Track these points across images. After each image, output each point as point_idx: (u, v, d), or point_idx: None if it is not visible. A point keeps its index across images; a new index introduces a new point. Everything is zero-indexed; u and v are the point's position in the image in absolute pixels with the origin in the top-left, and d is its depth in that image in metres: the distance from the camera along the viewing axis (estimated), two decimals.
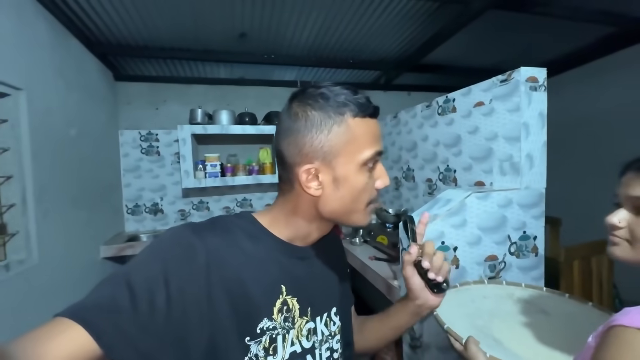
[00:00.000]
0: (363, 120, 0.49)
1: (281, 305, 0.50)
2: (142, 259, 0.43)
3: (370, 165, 0.50)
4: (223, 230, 0.49)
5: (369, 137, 0.49)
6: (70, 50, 1.96)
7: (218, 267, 0.45)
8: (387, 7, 2.07)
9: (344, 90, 0.48)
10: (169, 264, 0.42)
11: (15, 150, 1.41)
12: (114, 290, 0.39)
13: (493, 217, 1.19)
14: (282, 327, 0.49)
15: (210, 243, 0.46)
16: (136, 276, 0.40)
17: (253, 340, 0.46)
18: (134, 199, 2.76)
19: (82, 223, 1.96)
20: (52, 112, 1.68)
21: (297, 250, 0.55)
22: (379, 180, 0.52)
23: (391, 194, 2.28)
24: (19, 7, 1.46)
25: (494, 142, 1.34)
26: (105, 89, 2.56)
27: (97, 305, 0.37)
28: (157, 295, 0.39)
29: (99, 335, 0.35)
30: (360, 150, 0.48)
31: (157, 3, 1.87)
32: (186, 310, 0.41)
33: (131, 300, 0.38)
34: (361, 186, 0.49)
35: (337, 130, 0.47)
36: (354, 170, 0.48)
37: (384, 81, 3.39)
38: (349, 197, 0.49)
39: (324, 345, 0.55)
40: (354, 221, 0.52)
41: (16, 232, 1.41)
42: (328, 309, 0.58)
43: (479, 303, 0.70)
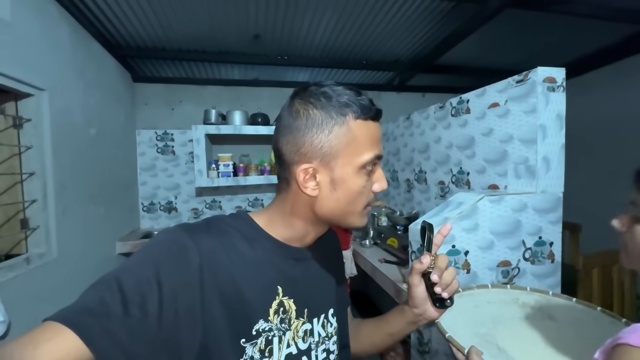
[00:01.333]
0: (365, 122, 0.47)
1: (277, 306, 0.49)
2: (134, 261, 0.42)
3: (369, 168, 0.49)
4: (218, 231, 0.48)
5: (369, 140, 0.48)
6: (91, 52, 2.03)
7: (212, 269, 0.44)
8: (400, 8, 2.05)
9: (347, 90, 0.47)
10: (161, 266, 0.41)
11: (37, 148, 1.47)
12: (105, 294, 0.38)
13: (507, 222, 1.15)
14: (278, 329, 0.49)
15: (204, 244, 0.45)
16: (127, 279, 0.39)
17: (248, 342, 0.46)
18: (150, 197, 2.83)
19: (99, 219, 2.03)
20: (73, 112, 1.74)
21: (294, 251, 0.54)
22: (376, 184, 0.51)
23: (403, 196, 2.25)
24: (44, 11, 1.53)
25: (509, 144, 1.30)
26: (124, 89, 2.64)
27: (87, 309, 0.37)
28: (148, 298, 0.39)
29: (89, 339, 0.35)
30: (360, 153, 0.47)
31: (175, 7, 1.92)
32: (179, 314, 0.40)
33: (122, 303, 0.37)
34: (358, 189, 0.48)
35: (338, 131, 0.46)
36: (352, 173, 0.47)
37: (397, 82, 3.36)
38: (345, 199, 0.48)
39: (320, 347, 0.55)
40: (351, 223, 0.51)
41: (37, 227, 1.47)
42: (325, 311, 0.58)
43: (482, 309, 0.67)
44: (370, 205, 0.52)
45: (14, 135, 1.42)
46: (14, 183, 1.42)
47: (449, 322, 0.59)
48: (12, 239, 1.43)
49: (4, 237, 1.40)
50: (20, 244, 1.44)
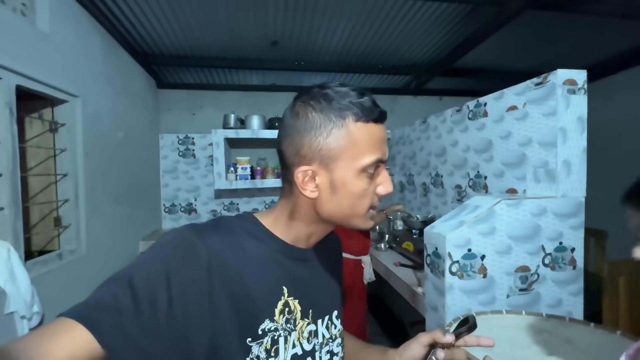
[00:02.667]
0: (366, 125, 0.46)
1: (283, 306, 0.49)
2: (144, 259, 0.43)
3: (371, 171, 0.48)
4: (225, 231, 0.48)
5: (370, 143, 0.47)
6: (119, 60, 2.14)
7: (220, 267, 0.45)
8: (417, 12, 2.05)
9: (351, 92, 0.46)
10: (171, 264, 0.41)
11: (70, 151, 1.57)
12: (116, 291, 0.39)
13: (525, 226, 1.13)
14: (284, 329, 0.49)
15: (212, 243, 0.45)
16: (138, 276, 0.40)
17: (255, 341, 0.46)
18: (171, 198, 2.93)
19: (124, 219, 2.13)
20: (103, 117, 1.85)
21: (299, 252, 0.54)
22: (380, 187, 0.50)
23: (419, 200, 2.23)
24: (78, 23, 1.64)
25: (528, 147, 1.28)
26: (149, 95, 2.77)
27: (99, 306, 0.37)
28: (159, 295, 0.39)
29: (101, 335, 0.35)
30: (360, 156, 0.46)
31: (197, 16, 2.01)
32: (188, 311, 0.41)
33: (133, 300, 0.38)
34: (359, 192, 0.47)
35: (336, 133, 0.45)
36: (352, 176, 0.47)
37: (414, 86, 3.35)
38: (346, 202, 0.48)
39: (324, 348, 0.54)
40: (355, 225, 0.51)
41: (69, 225, 1.56)
42: (330, 312, 0.57)
43: (497, 332, 0.66)
44: (374, 208, 0.51)
45: (50, 138, 1.52)
46: (49, 183, 1.52)
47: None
48: (46, 236, 1.53)
49: (39, 234, 1.50)
50: (54, 240, 1.54)
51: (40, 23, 1.38)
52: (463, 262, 1.09)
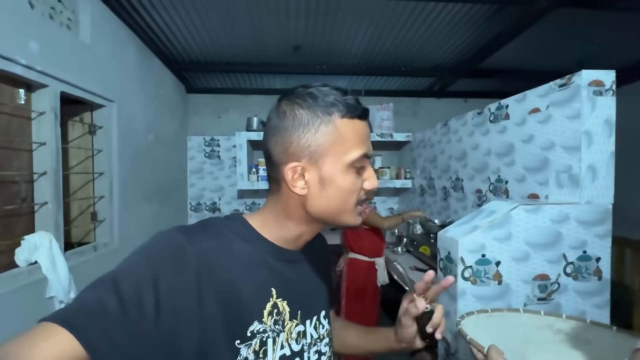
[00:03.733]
0: (351, 121, 0.47)
1: (271, 308, 0.49)
2: (131, 262, 0.42)
3: (358, 166, 0.49)
4: (214, 233, 0.48)
5: (356, 138, 0.48)
6: (152, 67, 2.29)
7: (209, 269, 0.44)
8: (440, 13, 2.03)
9: (333, 90, 0.48)
10: (159, 267, 0.41)
11: (107, 151, 1.70)
12: (102, 295, 0.37)
13: (545, 233, 1.09)
14: (272, 330, 0.49)
15: (200, 245, 0.45)
16: (125, 280, 0.39)
17: (243, 343, 0.45)
18: (197, 197, 3.08)
19: (153, 216, 2.26)
20: (135, 120, 1.99)
21: (287, 254, 0.54)
22: (367, 182, 0.51)
23: (439, 204, 2.19)
24: (116, 34, 1.78)
25: (551, 151, 1.23)
26: (179, 100, 2.93)
27: (83, 310, 0.36)
28: (145, 299, 0.38)
29: (86, 340, 0.34)
30: (347, 151, 0.47)
31: (223, 25, 2.11)
32: (176, 314, 0.40)
33: (119, 304, 0.37)
34: (348, 186, 0.48)
35: (324, 129, 0.46)
36: (340, 171, 0.47)
37: (438, 88, 3.28)
38: (335, 197, 0.48)
39: (312, 349, 0.55)
40: (344, 221, 0.51)
41: (103, 220, 1.70)
42: (317, 312, 0.57)
43: (512, 330, 0.64)
44: (362, 203, 0.52)
45: (89, 140, 1.66)
46: (87, 181, 1.66)
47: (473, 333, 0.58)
48: (84, 229, 1.67)
49: (77, 227, 1.64)
50: (90, 233, 1.68)
51: (83, 35, 1.52)
52: (476, 268, 1.07)
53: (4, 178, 1.17)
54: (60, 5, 1.40)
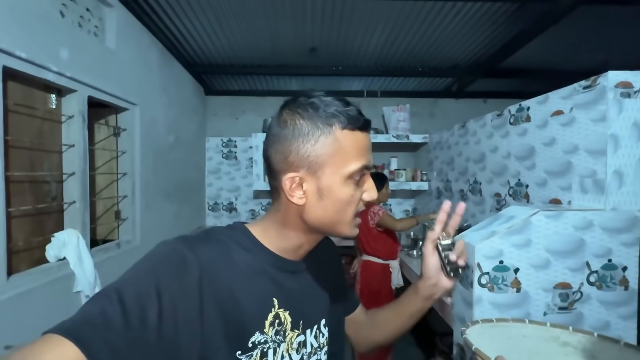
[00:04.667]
0: (352, 132, 0.47)
1: (273, 318, 0.49)
2: (134, 272, 0.42)
3: (357, 178, 0.48)
4: (216, 243, 0.49)
5: (356, 150, 0.48)
6: (173, 71, 2.37)
7: (211, 280, 0.44)
8: (459, 12, 1.99)
9: (336, 101, 0.48)
10: (161, 277, 0.41)
11: (130, 153, 1.77)
12: (105, 306, 0.37)
13: (567, 240, 1.05)
14: (274, 341, 0.48)
15: (203, 256, 0.45)
16: (128, 291, 0.39)
17: (244, 354, 0.45)
18: (214, 197, 3.15)
19: (173, 215, 2.33)
20: (157, 122, 2.06)
21: (289, 264, 0.54)
22: (365, 193, 0.51)
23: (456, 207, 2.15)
24: (139, 40, 1.85)
25: (574, 155, 1.19)
26: (198, 102, 3.01)
27: (87, 321, 0.36)
28: (149, 310, 0.38)
29: (89, 351, 0.34)
30: (346, 163, 0.47)
31: (241, 28, 2.15)
32: (178, 325, 0.40)
33: (122, 315, 0.37)
34: (346, 198, 0.48)
35: (324, 140, 0.46)
36: (339, 182, 0.47)
37: (456, 88, 3.22)
38: (332, 208, 0.48)
39: (312, 358, 0.55)
40: (341, 232, 0.51)
41: (126, 218, 1.77)
42: (318, 321, 0.57)
43: (517, 341, 0.63)
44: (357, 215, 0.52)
45: (114, 142, 1.73)
46: (112, 181, 1.74)
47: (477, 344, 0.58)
48: (108, 227, 1.74)
49: (102, 225, 1.72)
50: (114, 231, 1.75)
51: (109, 41, 1.59)
52: (494, 274, 1.05)
53: (37, 178, 1.25)
54: (89, 14, 1.47)
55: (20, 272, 1.13)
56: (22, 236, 1.18)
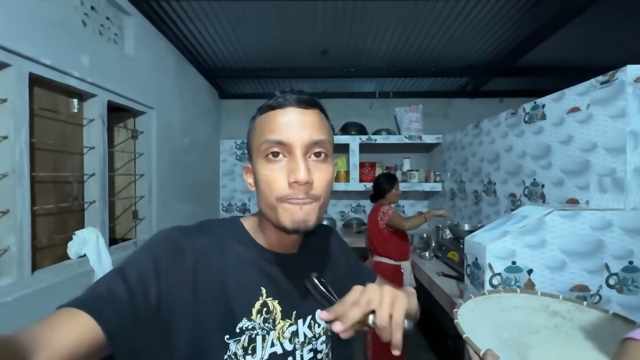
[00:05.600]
0: (266, 114, 0.49)
1: (261, 306, 0.50)
2: (135, 256, 0.45)
3: (270, 156, 0.47)
4: (209, 233, 0.51)
5: (268, 127, 0.48)
6: (188, 75, 2.44)
7: (203, 266, 0.47)
8: (472, 10, 1.96)
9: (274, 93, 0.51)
10: (160, 261, 0.44)
11: (147, 155, 1.84)
12: (112, 284, 0.41)
13: (584, 241, 1.01)
14: (262, 328, 0.50)
15: (197, 243, 0.48)
16: (131, 271, 0.42)
17: (232, 339, 0.47)
18: (228, 198, 3.21)
19: (187, 215, 2.39)
20: (173, 125, 2.12)
21: (279, 257, 0.55)
22: (290, 175, 0.46)
23: (470, 208, 2.11)
24: (156, 46, 1.92)
25: (592, 153, 1.14)
26: (212, 105, 3.08)
27: (97, 296, 0.39)
28: (150, 289, 0.42)
29: (103, 321, 0.37)
30: (259, 142, 0.48)
31: (254, 33, 2.19)
32: (173, 305, 0.43)
33: (128, 292, 0.40)
34: (263, 178, 0.47)
35: (250, 130, 0.52)
36: (258, 164, 0.49)
37: (471, 88, 3.16)
38: (259, 192, 0.49)
39: (306, 347, 0.55)
40: (274, 220, 0.48)
41: (143, 218, 1.83)
42: (312, 312, 0.57)
43: (508, 313, 0.63)
44: (287, 200, 0.46)
45: (131, 144, 1.80)
46: (130, 182, 1.80)
47: (469, 323, 0.57)
48: (126, 226, 1.81)
49: (121, 224, 1.79)
50: (131, 230, 1.82)
51: (127, 48, 1.66)
52: (506, 275, 1.02)
53: (60, 179, 1.31)
54: (109, 22, 1.54)
55: (44, 267, 1.19)
56: (46, 233, 1.25)
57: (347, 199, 3.29)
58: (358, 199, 3.29)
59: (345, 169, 2.87)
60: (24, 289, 1.08)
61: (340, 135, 2.84)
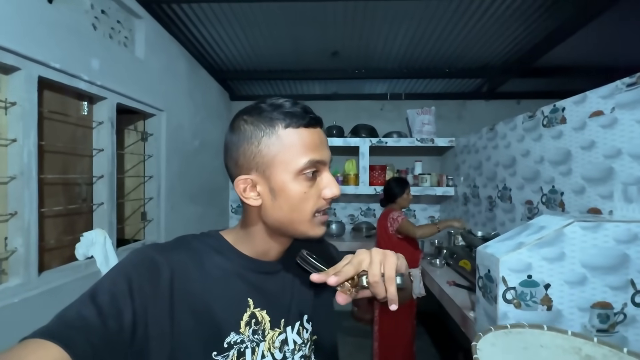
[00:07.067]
0: (296, 130, 0.48)
1: (249, 318, 0.49)
2: (107, 277, 0.43)
3: (309, 174, 0.48)
4: (186, 248, 0.50)
5: (302, 146, 0.48)
6: (199, 77, 2.45)
7: (182, 283, 0.46)
8: (488, 9, 1.89)
9: (284, 103, 0.49)
10: (134, 281, 0.42)
11: (156, 156, 1.85)
12: (82, 309, 0.39)
13: (607, 254, 0.94)
14: (251, 340, 0.49)
15: (173, 260, 0.47)
16: (103, 295, 0.40)
17: (220, 354, 0.46)
18: (237, 200, 3.21)
19: (197, 217, 2.41)
20: (183, 127, 2.14)
21: (264, 265, 0.54)
22: (326, 190, 0.50)
23: (484, 214, 2.03)
24: (167, 50, 1.94)
25: (616, 160, 1.07)
26: (223, 107, 3.09)
27: (65, 323, 0.37)
28: (124, 312, 0.40)
29: (74, 349, 0.35)
30: (293, 160, 0.47)
31: (264, 35, 2.19)
32: (148, 326, 0.42)
33: (99, 316, 0.38)
34: (298, 195, 0.48)
35: (267, 141, 0.48)
36: (289, 180, 0.48)
37: (486, 89, 3.06)
38: (287, 207, 0.48)
39: (297, 354, 0.54)
40: (302, 232, 0.50)
41: (152, 219, 1.84)
42: (300, 318, 0.57)
43: (533, 352, 0.57)
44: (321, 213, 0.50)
45: (141, 146, 1.82)
46: (139, 184, 1.82)
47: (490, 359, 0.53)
48: (135, 228, 1.83)
49: (130, 226, 1.80)
50: (140, 232, 1.83)
51: (138, 51, 1.68)
52: (521, 290, 0.96)
53: (69, 180, 1.33)
54: (119, 26, 1.55)
55: (51, 268, 1.21)
56: (54, 235, 1.26)
57: (356, 202, 3.25)
58: (368, 203, 3.24)
59: (355, 172, 2.83)
60: (31, 290, 1.09)
61: (350, 138, 2.80)
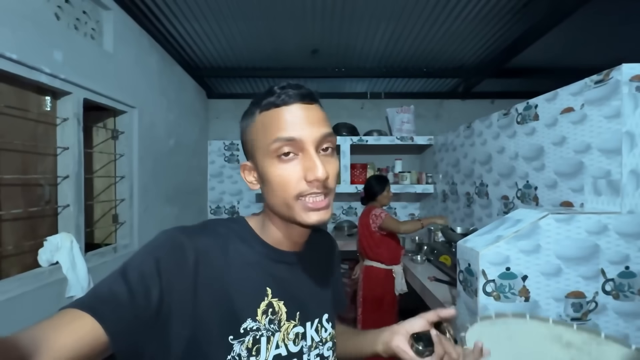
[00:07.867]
0: (268, 112, 0.47)
1: (266, 307, 0.50)
2: (136, 257, 0.45)
3: (285, 155, 0.46)
4: (212, 232, 0.51)
5: (272, 126, 0.46)
6: (173, 74, 2.36)
7: (206, 266, 0.47)
8: (463, 9, 1.93)
9: (275, 87, 0.48)
10: (161, 261, 0.44)
11: (127, 156, 1.76)
12: (113, 286, 0.41)
13: (579, 246, 0.98)
14: (267, 329, 0.49)
15: (199, 243, 0.48)
16: (132, 272, 0.42)
17: (236, 339, 0.47)
18: (216, 200, 3.13)
19: (173, 218, 2.31)
20: (156, 125, 2.04)
21: (285, 255, 0.54)
22: (308, 172, 0.46)
23: (462, 211, 2.07)
24: (138, 43, 1.84)
25: (586, 155, 1.11)
26: (200, 105, 3.00)
27: (99, 298, 0.40)
28: (152, 290, 0.42)
29: (105, 322, 0.37)
30: (265, 142, 0.47)
31: (242, 31, 2.13)
32: (172, 306, 0.43)
33: (129, 293, 0.40)
34: (275, 178, 0.47)
35: (250, 128, 0.50)
36: (268, 163, 0.48)
37: (462, 89, 3.15)
38: (272, 191, 0.48)
39: (313, 352, 0.54)
40: (293, 218, 0.49)
41: (124, 222, 1.75)
42: (319, 315, 0.57)
43: (517, 341, 0.58)
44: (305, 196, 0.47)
45: (112, 145, 1.72)
46: (110, 184, 1.72)
47: None
48: (106, 231, 1.73)
49: (100, 229, 1.70)
50: (111, 235, 1.73)
51: (106, 44, 1.58)
52: (500, 282, 0.98)
53: (30, 181, 1.23)
54: (85, 17, 1.46)
55: (9, 277, 1.11)
56: (13, 240, 1.16)
57: (338, 200, 3.24)
58: (349, 201, 3.25)
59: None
60: None
61: None
